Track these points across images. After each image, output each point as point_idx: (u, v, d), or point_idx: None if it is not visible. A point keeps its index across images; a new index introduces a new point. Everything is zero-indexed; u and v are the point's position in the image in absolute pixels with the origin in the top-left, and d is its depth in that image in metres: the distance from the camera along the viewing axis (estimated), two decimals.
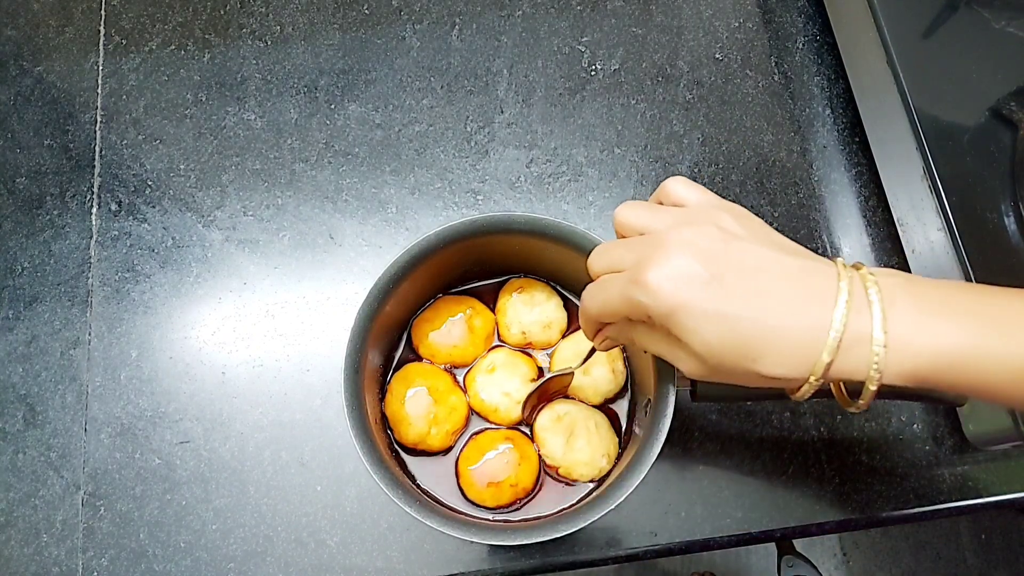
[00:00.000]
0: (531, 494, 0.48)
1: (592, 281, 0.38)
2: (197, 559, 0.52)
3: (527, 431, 0.49)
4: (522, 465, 0.47)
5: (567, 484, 0.48)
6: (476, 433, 0.49)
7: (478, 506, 0.47)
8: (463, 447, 0.49)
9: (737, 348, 0.33)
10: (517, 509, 0.47)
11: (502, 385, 0.49)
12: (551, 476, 0.48)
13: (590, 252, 0.38)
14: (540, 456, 0.48)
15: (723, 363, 0.33)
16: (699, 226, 0.34)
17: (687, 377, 0.37)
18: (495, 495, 0.46)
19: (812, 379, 0.33)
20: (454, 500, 0.47)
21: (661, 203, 0.39)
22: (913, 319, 0.32)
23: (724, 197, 0.37)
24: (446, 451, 0.49)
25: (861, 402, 0.34)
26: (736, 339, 0.32)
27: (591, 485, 0.47)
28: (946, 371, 0.32)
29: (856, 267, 0.34)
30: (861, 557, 1.31)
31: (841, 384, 0.38)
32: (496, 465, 0.47)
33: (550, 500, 0.48)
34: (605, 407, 0.50)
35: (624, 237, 0.38)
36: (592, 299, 0.37)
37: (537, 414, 0.49)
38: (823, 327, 0.32)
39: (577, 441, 0.47)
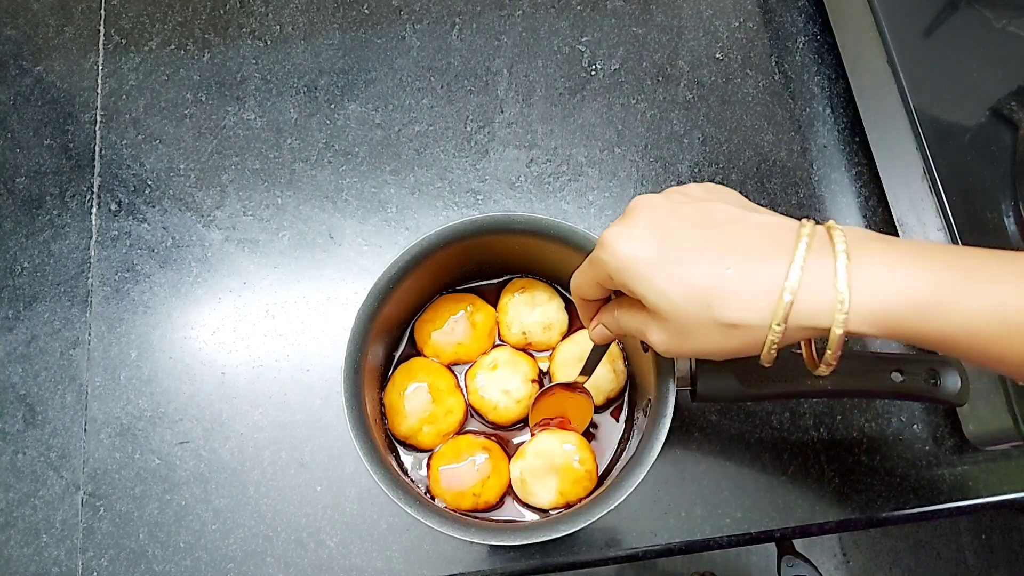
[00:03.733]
0: (492, 508, 0.47)
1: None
2: (197, 559, 0.52)
3: (512, 436, 0.49)
4: (491, 479, 0.47)
5: (527, 507, 0.48)
6: (460, 434, 0.49)
7: (434, 499, 0.47)
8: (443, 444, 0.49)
9: (695, 296, 0.32)
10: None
11: (503, 383, 0.49)
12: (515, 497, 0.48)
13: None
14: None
15: (685, 316, 0.33)
16: (666, 194, 0.36)
17: (685, 378, 0.37)
18: (456, 499, 0.46)
19: (774, 325, 0.32)
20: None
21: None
22: (881, 262, 0.31)
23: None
24: (434, 450, 0.49)
25: (829, 353, 0.33)
26: (693, 286, 0.32)
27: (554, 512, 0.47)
28: (913, 320, 0.31)
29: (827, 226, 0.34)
30: (861, 557, 1.31)
31: (812, 344, 0.37)
32: (466, 472, 0.46)
33: (511, 514, 0.48)
34: (606, 407, 0.50)
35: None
36: (573, 276, 0.39)
37: (542, 429, 0.48)
38: (782, 269, 0.31)
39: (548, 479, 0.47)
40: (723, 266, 0.32)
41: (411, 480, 0.47)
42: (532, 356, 0.51)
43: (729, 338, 0.33)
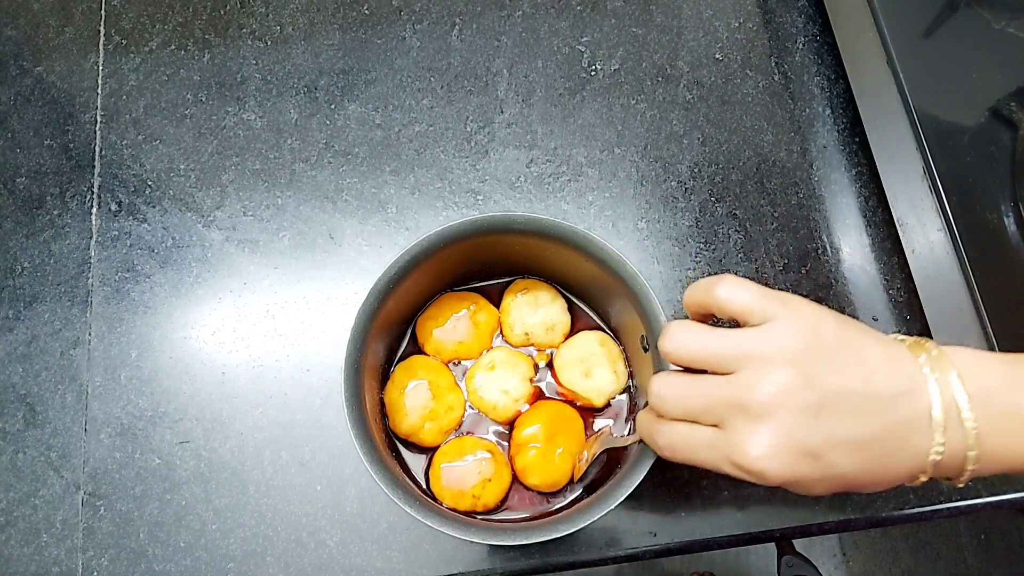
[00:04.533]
0: (491, 511, 0.47)
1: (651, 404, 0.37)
2: (197, 559, 0.52)
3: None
4: (492, 482, 0.47)
5: (535, 495, 0.48)
6: (466, 433, 0.49)
7: (435, 499, 0.47)
8: (448, 441, 0.49)
9: (846, 489, 0.34)
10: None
11: (501, 383, 0.49)
12: (522, 486, 0.48)
13: (656, 374, 0.37)
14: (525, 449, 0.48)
15: (832, 492, 0.34)
16: (773, 360, 0.33)
17: None
18: (455, 498, 0.46)
19: (915, 483, 0.35)
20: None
21: (712, 315, 0.37)
22: (1005, 429, 0.33)
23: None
24: (436, 448, 0.49)
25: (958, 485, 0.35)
26: (846, 487, 0.34)
27: (560, 502, 0.47)
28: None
29: (939, 364, 0.34)
30: (861, 557, 1.31)
31: None
32: (467, 471, 0.47)
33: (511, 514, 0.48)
34: (607, 407, 0.50)
35: (682, 366, 0.36)
36: (671, 450, 0.36)
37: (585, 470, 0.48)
38: (923, 457, 0.33)
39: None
40: (868, 472, 0.33)
41: (411, 479, 0.47)
42: (532, 357, 0.51)
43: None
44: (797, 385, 0.32)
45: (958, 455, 0.33)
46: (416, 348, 0.51)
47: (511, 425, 0.49)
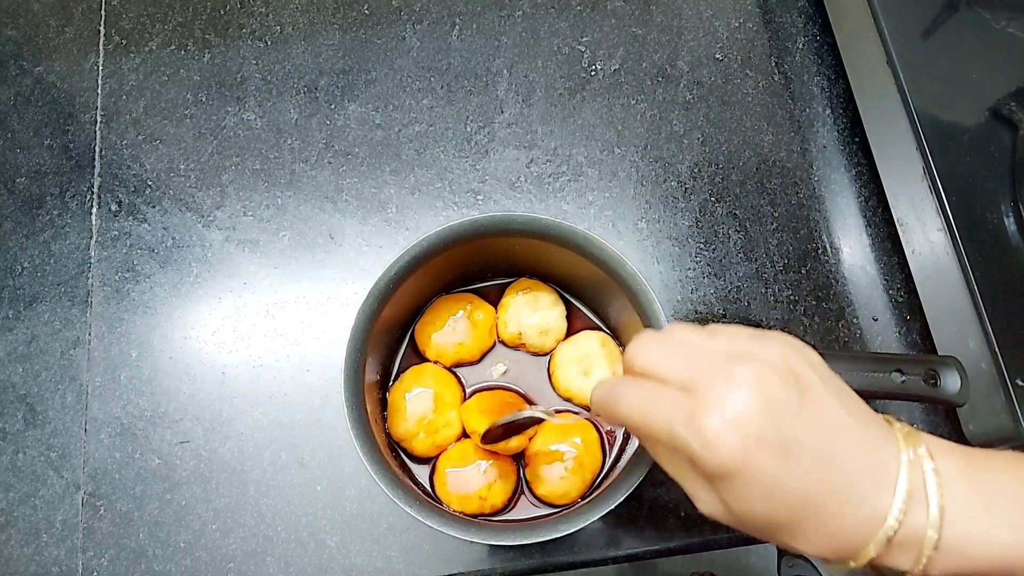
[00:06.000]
0: (499, 512, 0.47)
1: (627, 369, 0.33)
2: (197, 559, 0.52)
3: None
4: (498, 482, 0.47)
5: (538, 504, 0.48)
6: (467, 437, 0.49)
7: (441, 502, 0.47)
8: (451, 446, 0.49)
9: (781, 524, 0.30)
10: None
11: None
12: (529, 495, 0.48)
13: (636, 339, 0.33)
14: (523, 472, 0.48)
15: (754, 528, 0.30)
16: (768, 360, 0.30)
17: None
18: (461, 502, 0.46)
19: (850, 564, 0.30)
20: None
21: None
22: (968, 517, 0.29)
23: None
24: (426, 460, 0.49)
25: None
26: (785, 518, 0.29)
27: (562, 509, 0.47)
28: (989, 569, 0.30)
29: (910, 438, 0.31)
30: None
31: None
32: (473, 475, 0.46)
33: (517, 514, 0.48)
34: None
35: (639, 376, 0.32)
36: (627, 407, 0.32)
37: (497, 441, 0.46)
38: (878, 522, 0.29)
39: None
40: (823, 508, 0.29)
41: (412, 480, 0.47)
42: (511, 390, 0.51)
43: (789, 549, 0.31)
44: (784, 377, 0.29)
45: (917, 533, 0.29)
46: (417, 355, 0.51)
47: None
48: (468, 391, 0.50)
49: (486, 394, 0.49)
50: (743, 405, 0.28)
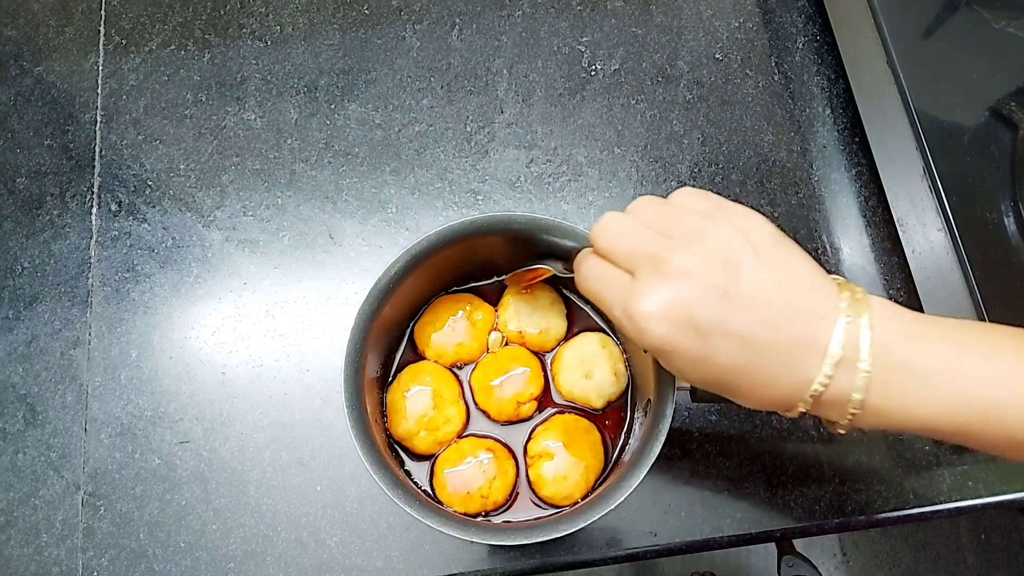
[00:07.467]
0: (500, 508, 0.47)
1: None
2: (197, 559, 0.52)
3: (510, 445, 0.49)
4: (497, 479, 0.46)
5: (541, 506, 0.48)
6: (462, 437, 0.49)
7: (441, 504, 0.47)
8: (445, 448, 0.49)
9: (717, 387, 0.35)
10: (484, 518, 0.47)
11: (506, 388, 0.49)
12: (533, 496, 0.48)
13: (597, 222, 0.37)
14: (522, 467, 0.48)
15: (703, 386, 0.35)
16: (706, 247, 0.33)
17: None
18: (464, 502, 0.46)
19: (791, 413, 0.34)
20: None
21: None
22: (896, 387, 0.32)
23: (724, 197, 0.37)
24: (428, 457, 0.49)
25: (840, 430, 0.35)
26: (717, 384, 0.34)
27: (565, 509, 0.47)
28: (915, 432, 0.34)
29: (856, 305, 0.33)
30: (861, 557, 1.31)
31: None
32: (471, 474, 0.46)
33: (522, 514, 0.48)
34: (607, 409, 0.50)
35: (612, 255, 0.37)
36: (587, 281, 0.37)
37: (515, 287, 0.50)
38: (805, 386, 0.33)
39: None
40: (748, 376, 0.33)
41: (412, 480, 0.47)
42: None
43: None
44: (715, 265, 0.33)
45: (842, 395, 0.32)
46: (416, 355, 0.51)
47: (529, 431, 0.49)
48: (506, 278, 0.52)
49: (491, 357, 0.50)
50: (667, 296, 0.33)
